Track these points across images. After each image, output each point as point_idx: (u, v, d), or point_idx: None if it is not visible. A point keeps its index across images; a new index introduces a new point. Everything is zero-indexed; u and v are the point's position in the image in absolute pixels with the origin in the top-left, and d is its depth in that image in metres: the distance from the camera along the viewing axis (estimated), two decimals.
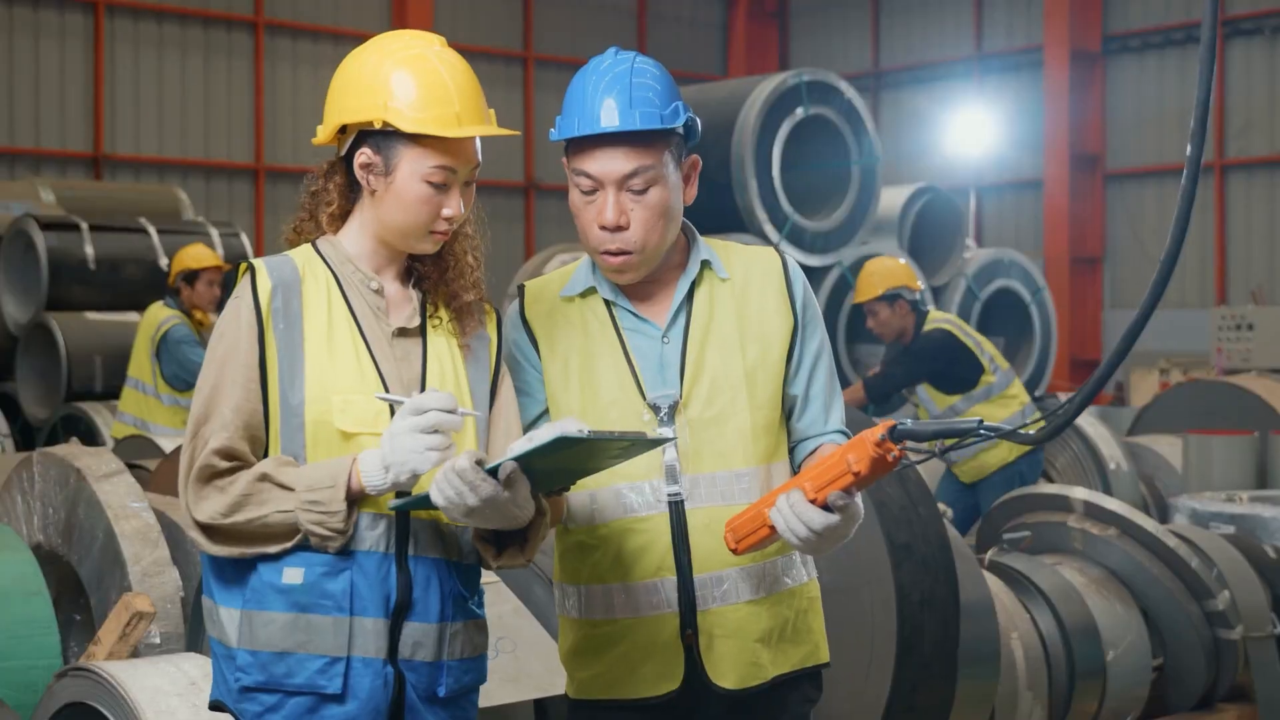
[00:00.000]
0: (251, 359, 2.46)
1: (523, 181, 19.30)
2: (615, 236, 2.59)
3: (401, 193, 2.49)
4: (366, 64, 2.53)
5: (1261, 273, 17.09)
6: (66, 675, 3.51)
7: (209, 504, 2.42)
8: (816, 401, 2.72)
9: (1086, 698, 5.10)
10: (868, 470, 2.38)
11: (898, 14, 20.76)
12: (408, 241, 2.54)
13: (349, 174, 2.56)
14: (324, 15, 17.40)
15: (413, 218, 2.50)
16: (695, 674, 2.63)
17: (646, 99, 2.58)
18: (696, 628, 2.62)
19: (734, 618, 2.63)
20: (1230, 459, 7.35)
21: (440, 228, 2.52)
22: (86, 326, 9.84)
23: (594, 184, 2.59)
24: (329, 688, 2.43)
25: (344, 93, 2.54)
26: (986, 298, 10.70)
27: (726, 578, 2.63)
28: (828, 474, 2.43)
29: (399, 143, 2.48)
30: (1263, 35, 17.43)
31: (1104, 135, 18.50)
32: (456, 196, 2.52)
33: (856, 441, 2.39)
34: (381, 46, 2.56)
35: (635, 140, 2.57)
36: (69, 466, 4.35)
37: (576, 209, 2.63)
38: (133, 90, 16.44)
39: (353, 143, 2.53)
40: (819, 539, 2.44)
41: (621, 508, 2.63)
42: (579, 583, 2.69)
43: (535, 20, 19.69)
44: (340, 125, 2.53)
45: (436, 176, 2.49)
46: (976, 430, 2.35)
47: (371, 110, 2.49)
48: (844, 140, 9.63)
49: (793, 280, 2.72)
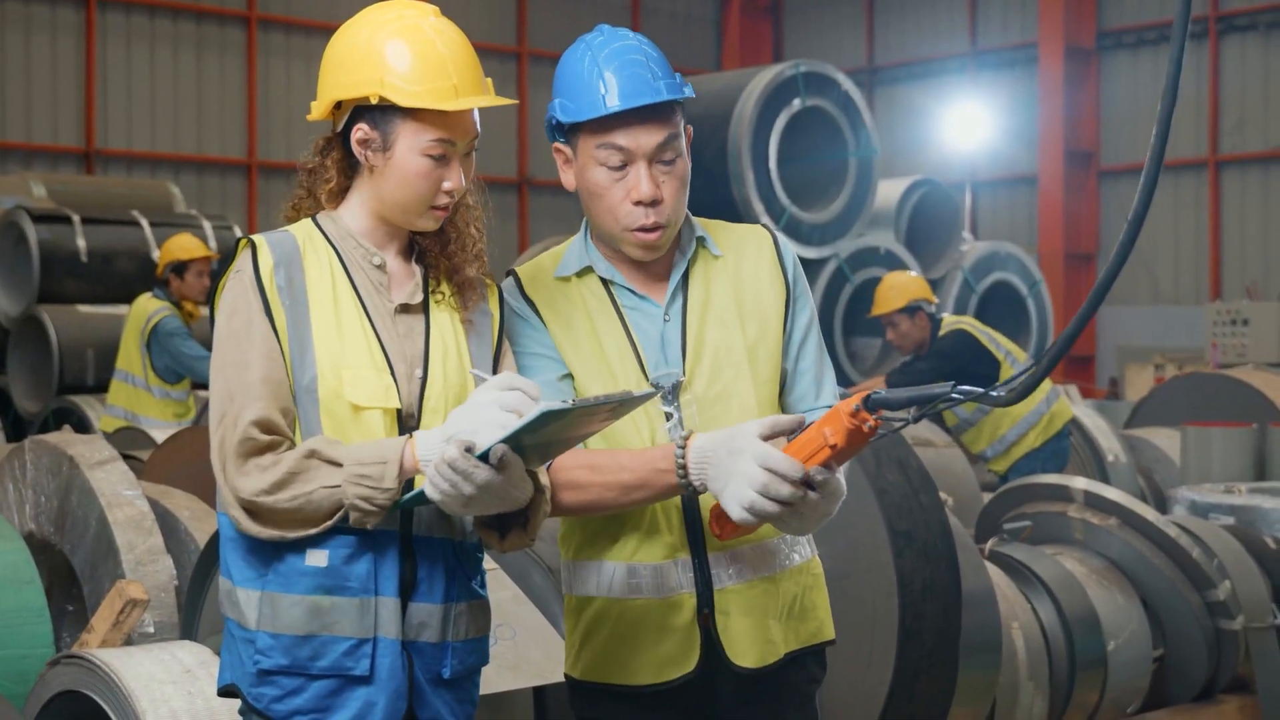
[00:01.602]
0: (267, 329, 2.42)
1: (516, 177, 19.28)
2: (651, 211, 2.56)
3: (400, 168, 2.45)
4: (359, 37, 2.49)
5: (1256, 268, 17.09)
6: (59, 663, 3.46)
7: (252, 480, 2.36)
8: (807, 375, 2.71)
9: (1087, 688, 5.07)
10: (844, 442, 2.33)
11: (892, 9, 20.75)
12: (408, 217, 2.50)
13: (346, 149, 2.52)
14: (317, 10, 17.36)
15: (413, 193, 2.47)
16: (711, 655, 2.60)
17: (666, 69, 2.59)
18: (713, 607, 2.59)
19: (749, 595, 2.60)
20: (1229, 451, 7.34)
21: (440, 202, 2.49)
22: (78, 319, 9.79)
23: (624, 158, 2.55)
24: (356, 669, 2.40)
25: (338, 68, 2.50)
26: (983, 291, 10.68)
27: (739, 556, 2.60)
28: (804, 450, 2.38)
29: (396, 117, 2.45)
30: (1257, 31, 17.44)
31: (1098, 131, 18.51)
32: (456, 169, 2.49)
33: (832, 414, 2.34)
34: (374, 18, 2.51)
35: (663, 111, 2.56)
36: (61, 454, 4.31)
37: (600, 189, 2.57)
38: (125, 85, 16.39)
39: (349, 118, 2.49)
40: (798, 518, 2.40)
41: None
42: (592, 560, 2.65)
43: (529, 15, 19.66)
44: (335, 101, 2.49)
45: (435, 150, 2.45)
46: (949, 394, 2.30)
47: (367, 85, 2.45)
48: (841, 132, 9.59)
49: (783, 255, 2.71)
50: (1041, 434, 7.28)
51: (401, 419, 2.46)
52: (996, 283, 10.79)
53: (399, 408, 2.45)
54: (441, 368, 2.50)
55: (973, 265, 10.64)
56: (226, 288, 2.47)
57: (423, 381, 2.49)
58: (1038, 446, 7.28)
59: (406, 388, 2.47)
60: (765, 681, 2.63)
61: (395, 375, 2.46)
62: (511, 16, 19.60)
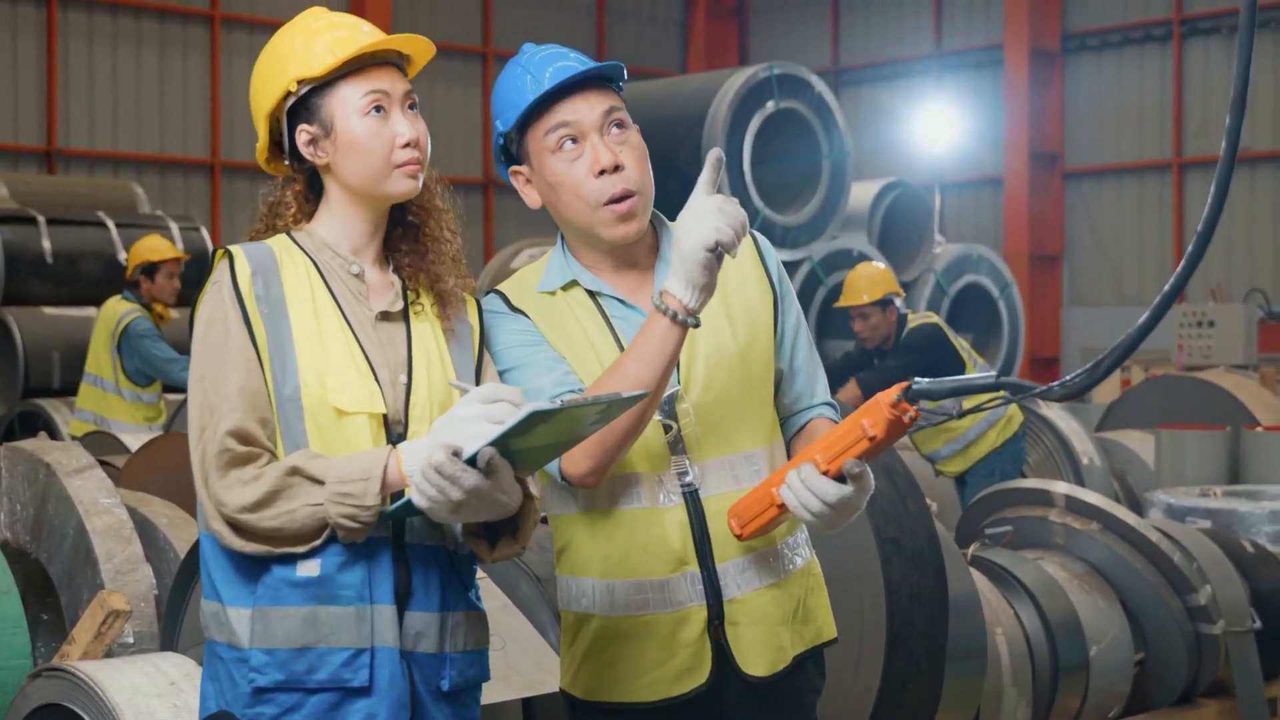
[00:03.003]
0: (245, 340, 2.39)
1: (481, 178, 19.19)
2: (616, 178, 2.55)
3: (348, 140, 2.46)
4: (263, 57, 2.56)
5: (1219, 270, 17.18)
6: (41, 676, 3.40)
7: (234, 494, 2.32)
8: (801, 374, 2.69)
9: (1070, 693, 5.06)
10: (884, 433, 2.31)
11: (857, 11, 20.77)
12: (379, 186, 2.48)
13: (306, 180, 2.54)
14: (281, 9, 17.21)
15: (370, 156, 2.46)
16: (722, 666, 2.57)
17: (584, 58, 2.62)
18: (723, 618, 2.56)
19: (758, 603, 2.58)
20: (1203, 454, 7.35)
21: (401, 158, 2.47)
22: (44, 321, 9.67)
23: (573, 132, 2.55)
24: (354, 681, 2.35)
25: (257, 92, 2.55)
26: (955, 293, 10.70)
27: (747, 564, 2.58)
28: (840, 442, 2.37)
29: (323, 98, 2.48)
30: (1220, 34, 17.53)
31: (1063, 133, 18.58)
32: (402, 119, 2.49)
33: (870, 405, 2.32)
34: (271, 41, 2.60)
35: (596, 84, 2.59)
36: (38, 462, 4.24)
37: (560, 176, 2.56)
38: (87, 84, 16.24)
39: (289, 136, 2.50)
40: (833, 512, 2.39)
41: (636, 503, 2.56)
42: (593, 576, 2.61)
43: (494, 15, 19.58)
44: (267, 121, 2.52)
45: (368, 104, 2.47)
46: (994, 385, 2.27)
47: (281, 80, 2.49)
48: (814, 134, 9.59)
49: (765, 255, 2.70)
50: (1001, 433, 7.20)
51: (389, 426, 2.42)
52: (968, 285, 10.81)
53: (384, 412, 2.41)
54: (426, 373, 2.48)
55: (945, 268, 10.66)
56: (204, 299, 2.45)
57: (408, 388, 2.45)
58: (999, 446, 7.21)
59: (391, 393, 2.44)
60: (772, 689, 2.61)
61: (380, 381, 2.43)
62: (477, 16, 19.52)
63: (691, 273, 2.40)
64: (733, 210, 2.41)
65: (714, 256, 2.39)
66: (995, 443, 7.20)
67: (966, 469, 7.26)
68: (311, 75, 2.46)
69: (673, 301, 2.43)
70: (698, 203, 2.42)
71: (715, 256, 2.40)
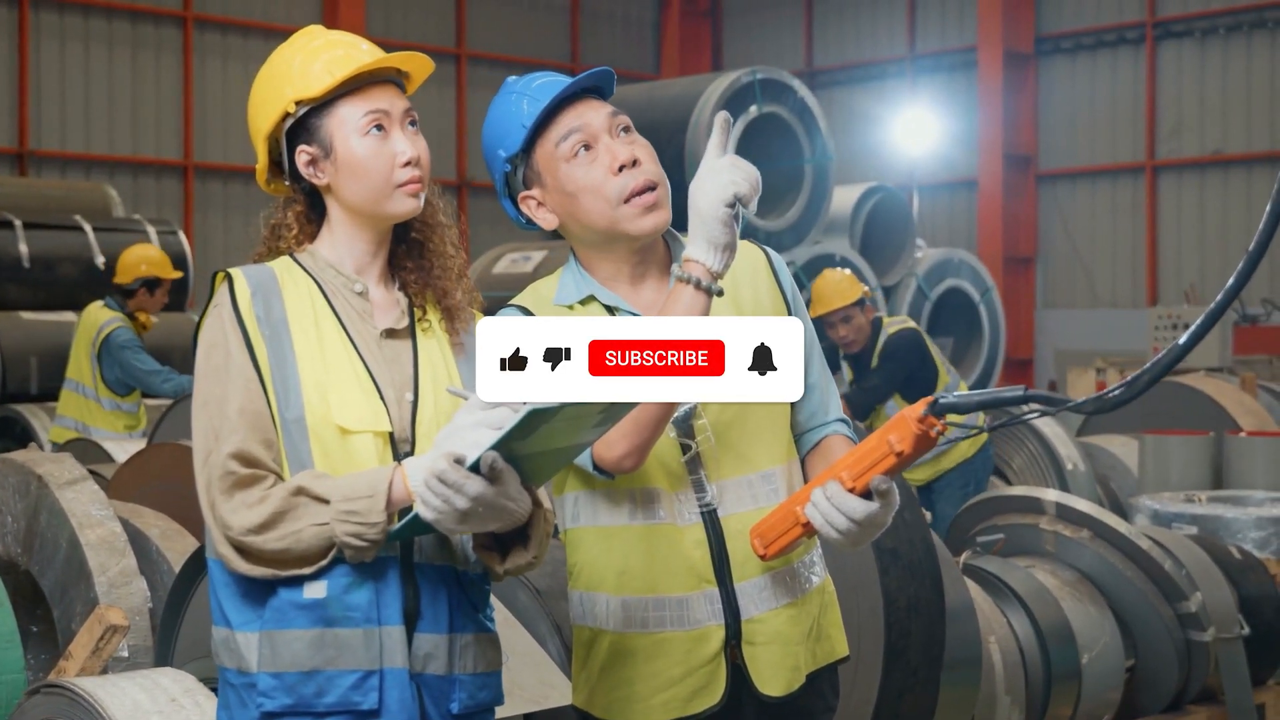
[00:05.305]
0: (246, 361, 2.37)
1: (455, 180, 19.15)
2: (636, 172, 2.53)
3: (349, 161, 2.44)
4: (260, 77, 2.54)
5: (1192, 272, 17.27)
6: (39, 692, 3.35)
7: (239, 517, 2.30)
8: (815, 391, 2.68)
9: (1062, 701, 5.07)
10: (911, 449, 2.30)
11: (831, 13, 20.80)
12: (381, 206, 2.46)
13: (306, 200, 2.52)
14: (254, 10, 17.13)
15: (371, 177, 2.44)
16: (737, 686, 2.55)
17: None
18: (741, 638, 2.55)
19: (775, 623, 2.57)
20: (1188, 459, 7.35)
21: (402, 177, 2.46)
22: (21, 326, 9.58)
23: (586, 139, 2.54)
24: (364, 704, 2.33)
25: (255, 114, 2.52)
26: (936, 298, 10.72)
27: (765, 583, 2.56)
28: (866, 459, 2.35)
29: (322, 118, 2.46)
30: (1193, 37, 17.62)
31: (1037, 136, 18.64)
32: (402, 137, 2.47)
33: (897, 420, 2.31)
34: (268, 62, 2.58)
35: (595, 95, 2.61)
36: (29, 473, 4.20)
37: (579, 180, 2.54)
38: (58, 85, 16.12)
39: (289, 158, 2.48)
40: (860, 530, 2.38)
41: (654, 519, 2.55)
42: (607, 592, 2.59)
43: (468, 17, 19.53)
44: (266, 137, 2.49)
45: (369, 124, 2.45)
46: (1023, 398, 2.25)
47: (279, 101, 2.47)
48: (797, 139, 9.60)
49: (779, 272, 2.69)
50: (973, 444, 7.10)
51: (395, 444, 2.40)
52: (949, 289, 10.83)
53: (390, 431, 2.39)
54: (432, 391, 2.45)
55: (926, 272, 10.68)
56: (206, 323, 2.43)
57: (414, 406, 2.43)
58: (969, 457, 7.13)
59: (397, 412, 2.41)
60: (787, 709, 2.59)
61: (385, 400, 2.41)
62: (451, 18, 19.46)
63: (712, 231, 2.39)
64: (746, 166, 2.41)
65: (733, 213, 2.38)
66: (967, 453, 7.12)
67: (934, 478, 7.17)
68: (310, 96, 2.44)
69: (695, 268, 2.40)
70: (710, 163, 2.42)
71: (734, 214, 2.38)
